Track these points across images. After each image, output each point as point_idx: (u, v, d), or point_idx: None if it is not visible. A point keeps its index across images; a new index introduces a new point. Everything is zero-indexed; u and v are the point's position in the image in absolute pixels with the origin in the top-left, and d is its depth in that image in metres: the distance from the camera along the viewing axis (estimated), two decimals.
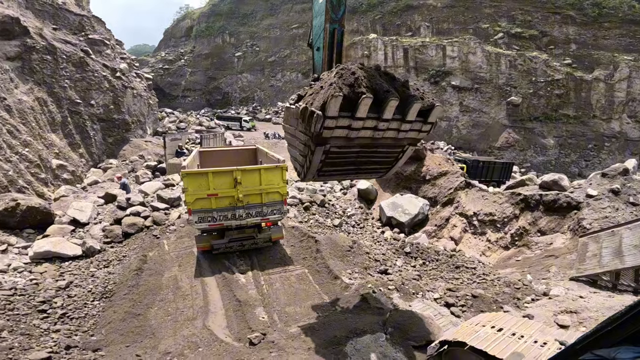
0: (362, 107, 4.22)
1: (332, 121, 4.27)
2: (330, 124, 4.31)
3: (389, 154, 5.50)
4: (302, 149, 5.25)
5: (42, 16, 25.07)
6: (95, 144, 24.75)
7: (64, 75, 23.44)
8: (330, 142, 4.60)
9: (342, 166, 5.43)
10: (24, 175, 16.46)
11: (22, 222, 12.10)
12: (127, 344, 7.14)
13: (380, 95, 4.34)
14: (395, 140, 4.98)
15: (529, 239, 12.40)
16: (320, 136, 4.44)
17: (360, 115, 4.31)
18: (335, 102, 4.11)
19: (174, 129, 39.08)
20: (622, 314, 1.92)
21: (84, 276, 9.72)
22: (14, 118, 17.78)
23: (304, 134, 4.86)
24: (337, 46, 5.65)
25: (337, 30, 5.59)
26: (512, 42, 42.70)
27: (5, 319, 7.51)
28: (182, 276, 9.59)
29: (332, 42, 5.62)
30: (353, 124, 4.41)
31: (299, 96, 5.29)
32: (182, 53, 68.78)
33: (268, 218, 10.19)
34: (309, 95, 4.82)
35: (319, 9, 5.74)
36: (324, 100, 4.19)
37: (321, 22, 5.61)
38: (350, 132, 4.51)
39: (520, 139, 40.48)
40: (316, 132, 4.35)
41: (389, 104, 4.31)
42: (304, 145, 5.11)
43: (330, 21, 5.53)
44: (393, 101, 4.31)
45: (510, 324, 4.81)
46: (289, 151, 6.55)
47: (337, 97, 4.06)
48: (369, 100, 4.19)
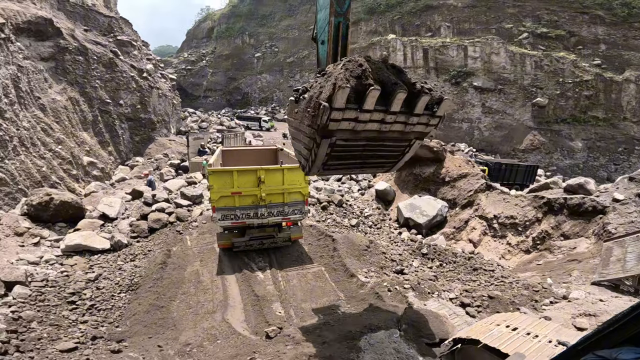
0: (370, 99, 4.16)
1: (338, 113, 4.20)
2: (336, 116, 4.23)
3: (395, 148, 5.41)
4: (307, 142, 5.16)
5: (73, 17, 26.06)
6: (123, 142, 25.74)
7: (95, 75, 24.46)
8: (336, 134, 4.52)
9: (347, 160, 5.34)
10: (56, 172, 17.35)
11: (55, 216, 12.68)
12: (150, 335, 7.40)
13: (388, 88, 4.30)
14: (402, 133, 4.89)
15: (552, 242, 12.12)
16: (326, 128, 4.35)
17: (367, 107, 4.24)
18: (343, 94, 4.04)
19: (196, 129, 40.06)
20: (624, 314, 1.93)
21: (111, 269, 10.15)
22: (48, 117, 18.75)
23: (309, 126, 4.77)
24: (342, 40, 5.53)
25: (342, 23, 5.46)
26: (537, 42, 41.48)
27: (35, 309, 7.87)
28: (204, 271, 9.90)
29: (337, 35, 5.49)
30: (360, 116, 4.33)
31: (304, 88, 5.20)
32: (203, 54, 70.31)
33: (289, 218, 10.31)
34: (314, 87, 4.78)
35: (324, 2, 5.65)
36: (331, 92, 4.13)
37: (326, 15, 5.52)
38: (356, 124, 4.44)
39: (546, 141, 39.27)
40: (322, 124, 4.28)
41: (396, 96, 4.25)
42: (309, 139, 5.02)
43: (335, 14, 5.40)
44: (401, 93, 4.25)
45: (526, 324, 4.79)
46: (293, 145, 6.47)
47: (344, 89, 4.01)
48: (376, 92, 4.13)
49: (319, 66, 5.96)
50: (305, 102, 4.67)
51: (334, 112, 4.16)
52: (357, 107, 4.24)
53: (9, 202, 13.95)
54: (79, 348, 6.89)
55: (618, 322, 1.97)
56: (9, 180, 14.21)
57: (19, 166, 15.06)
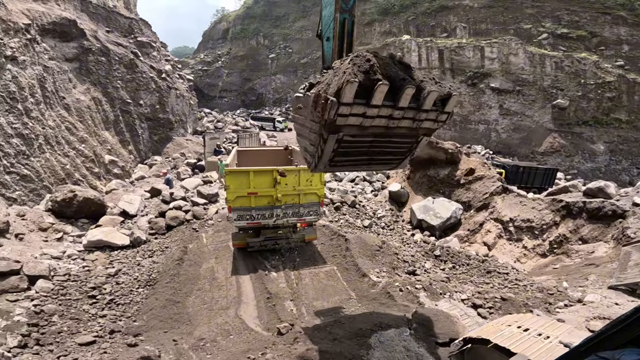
0: (378, 94, 4.11)
1: (346, 108, 4.15)
2: (344, 111, 4.18)
3: (402, 144, 5.35)
4: (313, 139, 5.13)
5: (96, 19, 26.71)
6: (142, 141, 26.45)
7: (116, 76, 25.19)
8: (343, 130, 4.48)
9: (354, 156, 5.28)
10: (79, 169, 18.00)
11: (77, 212, 13.07)
12: (166, 330, 7.56)
13: (396, 83, 4.25)
14: (410, 130, 4.84)
15: (569, 247, 11.90)
16: (333, 124, 4.32)
17: (375, 102, 4.19)
18: (351, 88, 3.99)
19: (212, 129, 40.72)
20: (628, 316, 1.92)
21: (131, 264, 10.40)
22: (72, 116, 19.45)
23: (315, 122, 4.76)
24: (348, 36, 5.45)
25: (348, 20, 5.39)
26: (557, 43, 40.52)
27: (57, 303, 8.09)
28: (218, 268, 10.09)
29: (343, 32, 5.42)
30: (368, 111, 4.28)
31: (310, 84, 5.17)
32: (219, 55, 71.29)
33: (304, 219, 10.30)
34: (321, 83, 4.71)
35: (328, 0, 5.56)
36: (339, 86, 4.07)
37: (331, 12, 5.46)
38: (364, 120, 4.39)
39: (566, 144, 38.31)
40: (330, 120, 4.23)
41: (405, 91, 4.19)
42: (315, 135, 5.00)
43: (341, 11, 5.31)
44: (409, 89, 4.20)
45: (538, 325, 4.75)
46: (299, 142, 6.44)
47: (353, 83, 3.95)
48: (385, 87, 4.08)
49: (324, 63, 5.95)
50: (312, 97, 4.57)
51: (341, 107, 4.12)
52: (365, 102, 4.19)
53: (33, 198, 14.56)
54: (97, 342, 7.06)
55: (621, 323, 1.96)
56: (34, 177, 14.84)
57: (44, 164, 15.69)
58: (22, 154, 14.59)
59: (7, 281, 8.34)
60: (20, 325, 7.18)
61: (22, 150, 14.62)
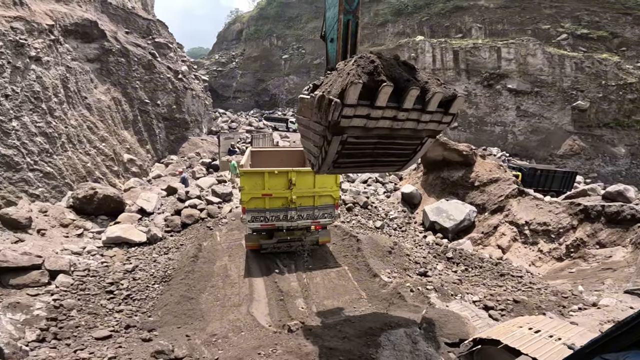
0: (382, 95, 4.08)
1: (350, 109, 4.13)
2: (348, 113, 4.16)
3: (407, 146, 5.28)
4: (317, 140, 5.14)
5: (115, 20, 27.20)
6: (159, 141, 27.00)
7: (135, 76, 25.74)
8: (347, 131, 4.45)
9: (358, 158, 5.24)
10: (100, 167, 18.53)
11: (97, 209, 13.49)
12: (179, 325, 7.69)
13: (401, 85, 4.22)
14: (414, 131, 4.79)
15: (586, 251, 11.66)
16: (337, 125, 4.30)
17: (379, 104, 4.16)
18: (355, 90, 3.97)
19: (226, 129, 41.23)
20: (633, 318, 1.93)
21: (147, 261, 10.62)
22: (94, 115, 20.04)
23: (319, 124, 4.74)
24: (352, 38, 5.42)
25: (352, 21, 5.36)
26: (577, 43, 39.51)
27: (76, 298, 8.30)
28: (231, 266, 10.24)
29: (347, 33, 5.38)
30: (372, 113, 4.26)
31: (314, 85, 5.18)
32: (233, 56, 72.02)
33: (319, 221, 10.19)
34: (325, 84, 4.72)
35: (332, 0, 5.57)
36: (343, 87, 4.07)
37: (335, 13, 5.43)
38: (368, 121, 4.36)
39: (586, 146, 37.34)
40: (333, 121, 4.22)
41: (409, 93, 4.16)
42: (319, 136, 4.98)
43: (345, 12, 5.28)
44: (414, 90, 4.17)
45: (550, 327, 4.70)
46: (303, 143, 6.40)
47: (356, 84, 3.94)
48: (389, 88, 4.06)
49: (328, 64, 5.94)
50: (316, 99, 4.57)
51: (345, 109, 4.10)
52: (369, 103, 4.17)
53: (55, 194, 15.06)
54: (113, 336, 7.18)
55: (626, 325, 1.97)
56: (56, 175, 15.35)
57: (66, 161, 16.23)
58: (45, 152, 15.13)
59: (28, 275, 8.57)
60: (40, 319, 7.35)
61: (45, 148, 15.16)
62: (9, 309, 7.37)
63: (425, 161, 18.40)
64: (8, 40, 14.43)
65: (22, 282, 8.43)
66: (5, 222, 10.99)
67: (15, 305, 7.49)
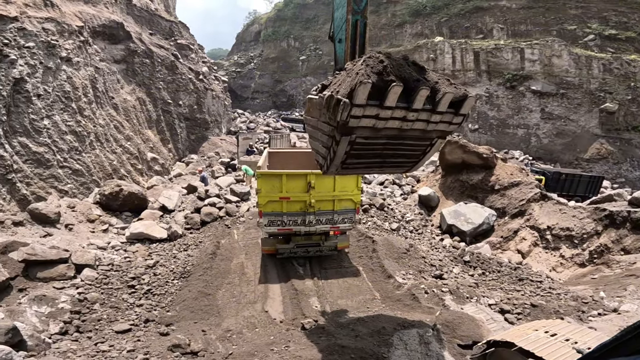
0: (392, 95, 4.03)
1: (359, 109, 4.08)
2: (357, 113, 4.11)
3: (416, 147, 5.16)
4: (325, 141, 5.10)
5: (140, 22, 27.82)
6: (181, 140, 27.68)
7: (159, 77, 26.45)
8: (356, 132, 4.39)
9: (367, 158, 5.17)
10: (125, 165, 19.18)
11: (122, 205, 13.96)
12: (196, 321, 7.84)
13: (410, 85, 4.17)
14: (423, 132, 4.71)
15: (610, 257, 11.28)
16: (346, 125, 4.24)
17: (389, 104, 4.10)
18: (364, 89, 3.92)
19: (245, 129, 41.80)
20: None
21: (167, 257, 10.89)
22: (120, 115, 20.75)
23: (327, 124, 4.73)
24: (360, 38, 5.40)
25: (360, 21, 5.33)
26: (605, 44, 38.06)
27: (100, 292, 8.53)
28: (248, 264, 10.41)
29: (355, 33, 5.36)
30: (381, 113, 4.19)
31: (322, 86, 5.13)
32: (251, 57, 72.95)
33: (338, 227, 9.73)
34: (333, 84, 4.67)
35: (340, 1, 5.55)
36: (352, 87, 4.03)
37: (343, 14, 5.41)
38: (377, 122, 4.31)
39: (614, 150, 35.94)
40: (342, 121, 4.17)
41: (419, 93, 4.11)
42: (327, 137, 4.95)
43: (353, 12, 5.25)
44: (424, 90, 4.12)
45: (566, 331, 4.60)
46: (311, 144, 6.35)
47: (366, 84, 3.89)
48: (399, 88, 4.02)
49: (336, 65, 5.94)
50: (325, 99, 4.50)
51: (354, 109, 4.05)
52: (378, 103, 4.12)
53: (83, 191, 15.69)
54: (133, 330, 7.32)
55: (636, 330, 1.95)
56: (84, 172, 16.00)
57: (94, 159, 16.88)
58: (74, 149, 15.79)
59: (55, 269, 8.85)
60: (64, 312, 7.60)
61: (75, 146, 15.82)
62: (35, 301, 7.63)
63: (444, 164, 18.19)
64: (40, 41, 15.11)
65: (49, 276, 8.68)
66: (35, 217, 11.52)
67: (42, 298, 7.77)
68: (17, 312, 7.13)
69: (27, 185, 13.38)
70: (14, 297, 7.78)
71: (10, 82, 13.53)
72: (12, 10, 14.49)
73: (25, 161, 13.63)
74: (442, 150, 17.99)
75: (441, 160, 18.39)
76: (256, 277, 9.79)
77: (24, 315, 7.16)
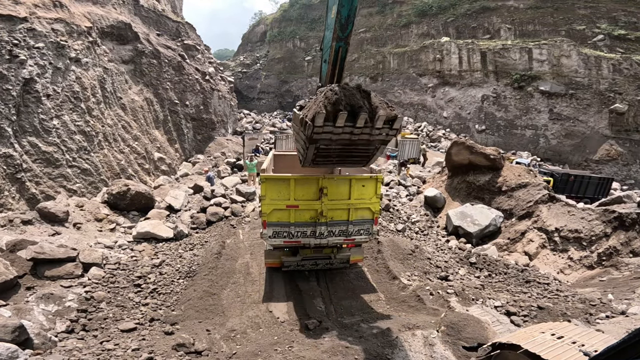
0: (340, 119, 5.80)
1: (319, 128, 5.89)
2: (318, 130, 5.92)
3: (365, 151, 6.99)
4: (302, 144, 6.91)
5: (147, 22, 28.11)
6: (187, 140, 27.87)
7: (166, 78, 26.65)
8: (319, 142, 6.30)
9: (331, 157, 7.12)
10: (132, 165, 19.37)
11: (130, 204, 14.00)
12: (200, 320, 7.85)
13: (356, 109, 5.87)
14: (368, 141, 6.48)
15: (619, 259, 11.12)
16: (311, 138, 6.12)
17: (339, 124, 5.87)
18: (320, 117, 5.70)
19: (250, 129, 41.92)
20: None
21: (173, 256, 10.89)
22: (128, 115, 20.95)
23: (303, 133, 6.41)
24: (340, 62, 6.62)
25: (342, 47, 6.46)
26: (615, 44, 37.48)
27: (106, 290, 8.56)
28: (253, 263, 10.42)
29: (337, 58, 6.53)
30: (334, 130, 5.98)
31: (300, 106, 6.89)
32: (257, 57, 73.23)
33: (353, 239, 8.57)
34: (306, 108, 6.44)
35: (330, 23, 6.47)
36: (314, 114, 5.75)
37: (330, 36, 6.44)
38: (333, 135, 6.12)
39: (624, 151, 35.40)
40: (308, 135, 6.04)
41: (360, 116, 5.84)
42: (302, 141, 6.74)
43: (337, 39, 6.33)
44: (363, 114, 5.84)
45: (573, 334, 4.54)
46: (295, 144, 8.33)
47: (321, 114, 5.67)
48: (344, 114, 5.76)
49: (320, 81, 7.34)
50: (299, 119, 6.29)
51: (315, 128, 5.85)
52: (332, 124, 5.86)
53: (91, 190, 15.87)
54: (138, 328, 7.34)
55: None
56: (93, 171, 16.18)
57: (102, 159, 17.07)
58: (83, 149, 15.98)
59: (63, 267, 8.86)
60: (71, 310, 7.63)
61: (83, 146, 16.01)
62: (42, 300, 7.67)
63: (451, 164, 18.06)
64: (49, 42, 15.31)
65: (57, 274, 8.71)
66: (43, 216, 11.64)
67: (49, 296, 7.80)
68: (25, 311, 7.18)
69: (37, 185, 13.56)
70: (22, 295, 7.83)
71: (20, 82, 13.71)
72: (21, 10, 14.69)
73: (34, 160, 13.80)
74: (449, 151, 17.88)
75: (448, 161, 18.26)
76: (261, 277, 9.80)
77: (31, 313, 7.19)
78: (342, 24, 6.19)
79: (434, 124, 49.50)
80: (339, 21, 6.15)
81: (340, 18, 6.13)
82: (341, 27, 6.19)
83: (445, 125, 48.38)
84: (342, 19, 6.15)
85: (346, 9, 6.08)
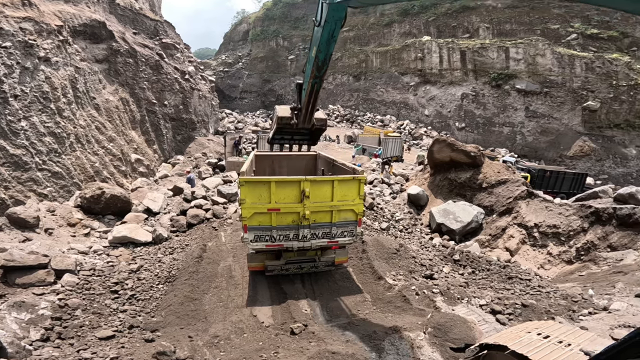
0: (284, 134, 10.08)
1: (274, 139, 10.26)
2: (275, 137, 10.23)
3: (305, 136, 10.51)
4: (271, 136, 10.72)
5: (123, 21, 27.33)
6: (166, 141, 27.19)
7: (143, 77, 25.92)
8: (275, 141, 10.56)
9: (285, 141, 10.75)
10: (108, 167, 18.70)
11: (105, 208, 13.47)
12: (182, 326, 7.63)
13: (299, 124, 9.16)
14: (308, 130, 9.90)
15: (597, 254, 11.43)
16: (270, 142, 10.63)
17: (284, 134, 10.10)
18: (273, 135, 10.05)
19: (233, 129, 41.37)
20: None
21: (152, 261, 10.55)
22: (102, 116, 20.23)
23: None
24: (315, 94, 8.05)
25: (317, 84, 7.64)
26: (587, 43, 38.92)
27: (81, 297, 8.24)
28: (236, 267, 10.17)
29: (312, 91, 7.90)
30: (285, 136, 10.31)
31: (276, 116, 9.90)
32: (239, 56, 72.47)
33: (337, 241, 8.51)
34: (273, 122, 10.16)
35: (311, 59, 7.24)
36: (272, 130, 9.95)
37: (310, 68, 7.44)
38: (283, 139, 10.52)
39: (597, 147, 36.79)
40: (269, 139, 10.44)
41: None
42: None
43: (314, 77, 7.37)
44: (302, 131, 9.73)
45: (559, 333, 4.57)
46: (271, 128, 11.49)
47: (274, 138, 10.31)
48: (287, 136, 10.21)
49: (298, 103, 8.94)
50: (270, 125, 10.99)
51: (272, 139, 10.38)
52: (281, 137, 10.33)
53: (63, 194, 15.21)
54: (116, 336, 7.10)
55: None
56: (65, 174, 15.51)
57: (74, 161, 16.38)
58: (54, 151, 15.28)
59: (34, 275, 8.56)
60: (44, 318, 7.34)
61: (54, 148, 15.32)
62: (14, 308, 7.37)
63: (432, 162, 18.23)
64: (17, 41, 14.61)
65: (28, 281, 8.43)
66: (13, 221, 11.08)
67: (21, 304, 7.49)
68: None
69: (5, 189, 12.89)
70: None
71: None
72: None
73: (2, 164, 13.11)
74: (431, 149, 18.03)
75: (429, 158, 18.43)
76: (244, 280, 9.59)
77: (3, 322, 6.90)
78: (319, 66, 7.09)
79: (415, 122, 50.14)
80: (316, 64, 6.99)
81: (317, 61, 6.96)
82: (318, 68, 7.12)
83: (427, 123, 49.07)
84: (319, 62, 6.98)
85: (323, 54, 6.87)
